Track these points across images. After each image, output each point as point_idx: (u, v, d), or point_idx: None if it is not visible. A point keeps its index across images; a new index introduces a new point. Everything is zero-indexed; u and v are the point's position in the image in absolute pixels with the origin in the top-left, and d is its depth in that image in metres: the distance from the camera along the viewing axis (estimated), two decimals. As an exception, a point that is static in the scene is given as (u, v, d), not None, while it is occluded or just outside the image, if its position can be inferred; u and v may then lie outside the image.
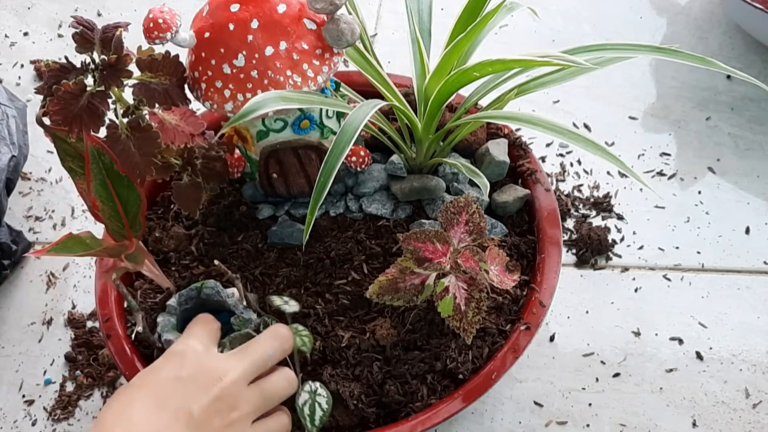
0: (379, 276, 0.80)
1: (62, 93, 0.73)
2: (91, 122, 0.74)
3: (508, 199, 0.92)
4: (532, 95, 0.88)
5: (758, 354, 0.93)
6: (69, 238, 0.75)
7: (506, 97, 0.87)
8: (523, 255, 0.90)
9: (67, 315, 1.02)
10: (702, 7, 1.28)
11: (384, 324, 0.83)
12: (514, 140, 0.97)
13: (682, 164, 1.10)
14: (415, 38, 0.88)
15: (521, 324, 0.83)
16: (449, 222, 0.80)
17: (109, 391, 0.96)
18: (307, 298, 0.86)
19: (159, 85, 0.77)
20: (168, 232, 0.93)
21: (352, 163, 0.91)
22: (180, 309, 0.83)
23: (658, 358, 0.94)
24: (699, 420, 0.89)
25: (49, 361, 0.99)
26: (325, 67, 0.80)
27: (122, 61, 0.74)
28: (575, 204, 1.06)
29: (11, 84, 1.27)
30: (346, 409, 0.81)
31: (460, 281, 0.78)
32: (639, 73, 1.20)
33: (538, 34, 1.26)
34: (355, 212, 0.91)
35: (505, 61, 0.76)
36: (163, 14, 0.75)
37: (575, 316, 0.97)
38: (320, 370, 0.82)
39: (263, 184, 0.90)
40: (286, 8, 0.79)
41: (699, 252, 1.02)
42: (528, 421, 0.90)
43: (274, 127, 0.84)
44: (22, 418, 0.95)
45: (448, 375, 0.82)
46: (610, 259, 1.02)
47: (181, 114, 0.79)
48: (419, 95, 0.88)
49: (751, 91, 1.15)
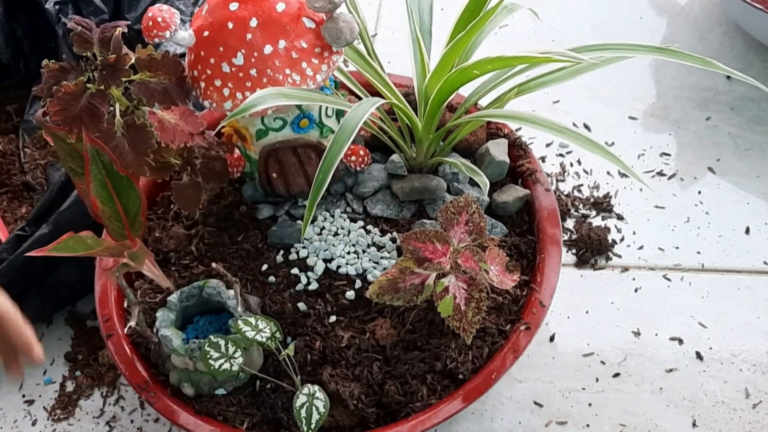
0: (379, 276, 0.80)
1: (62, 94, 0.73)
2: (91, 122, 0.74)
3: (508, 199, 0.92)
4: (532, 95, 0.88)
5: (758, 354, 0.93)
6: (70, 238, 0.75)
7: (506, 96, 0.87)
8: (523, 255, 0.90)
9: (67, 315, 1.02)
10: (702, 7, 1.28)
11: (384, 324, 0.83)
12: (514, 140, 0.97)
13: (682, 164, 1.10)
14: (415, 38, 0.88)
15: (521, 324, 0.83)
16: (449, 222, 0.80)
17: (109, 391, 0.96)
18: (308, 299, 0.86)
19: (158, 85, 0.77)
20: (168, 232, 0.93)
21: (352, 162, 0.91)
22: (180, 306, 0.83)
23: (658, 358, 0.94)
24: (699, 420, 0.89)
25: (49, 361, 0.99)
26: (324, 66, 0.80)
27: (121, 60, 0.74)
28: (575, 204, 1.06)
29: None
30: (346, 409, 0.80)
31: (460, 281, 0.78)
32: (639, 73, 1.20)
33: (538, 34, 1.26)
34: (357, 213, 0.91)
35: (505, 58, 0.76)
36: (162, 13, 0.75)
37: (575, 316, 0.97)
38: (320, 371, 0.82)
39: (263, 183, 0.90)
40: (285, 7, 0.79)
41: (699, 252, 1.02)
42: (528, 421, 0.90)
43: (273, 126, 0.84)
44: (22, 418, 0.95)
45: (448, 375, 0.82)
46: (610, 259, 1.02)
47: (180, 113, 0.79)
48: (419, 94, 0.88)
49: (751, 92, 1.15)
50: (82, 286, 0.98)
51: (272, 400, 0.82)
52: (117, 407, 0.95)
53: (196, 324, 0.85)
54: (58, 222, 0.94)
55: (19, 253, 0.93)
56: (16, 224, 1.05)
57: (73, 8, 1.10)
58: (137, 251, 0.78)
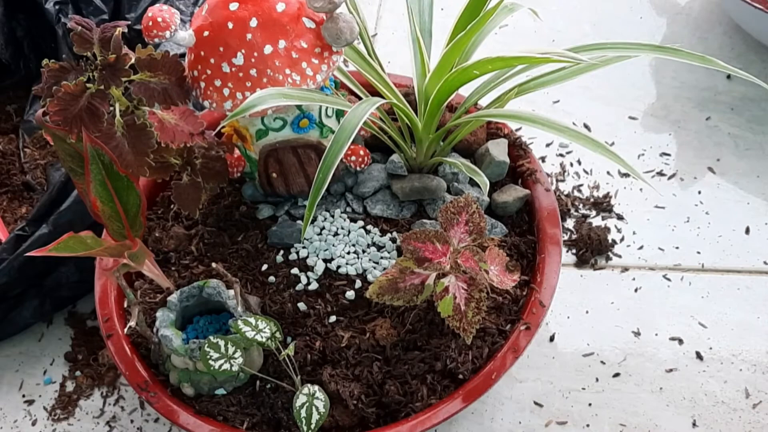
0: (379, 276, 0.80)
1: (62, 94, 0.73)
2: (91, 123, 0.74)
3: (508, 199, 0.92)
4: (532, 95, 0.88)
5: (758, 354, 0.93)
6: (70, 238, 0.75)
7: (506, 96, 0.87)
8: (523, 255, 0.90)
9: (67, 315, 1.02)
10: (702, 7, 1.28)
11: (384, 324, 0.83)
12: (514, 140, 0.97)
13: (682, 164, 1.10)
14: (415, 37, 0.88)
15: (521, 324, 0.83)
16: (449, 222, 0.80)
17: (109, 391, 0.96)
18: (308, 299, 0.86)
19: (158, 85, 0.77)
20: (168, 232, 0.93)
21: (352, 162, 0.91)
22: (180, 306, 0.83)
23: (658, 358, 0.94)
24: (699, 420, 0.89)
25: (49, 361, 0.99)
26: (324, 66, 0.80)
27: (121, 60, 0.74)
28: (575, 204, 1.06)
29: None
30: (346, 409, 0.80)
31: (460, 281, 0.78)
32: (639, 73, 1.20)
33: (538, 34, 1.26)
34: (357, 213, 0.91)
35: (505, 58, 0.76)
36: (162, 13, 0.75)
37: (575, 316, 0.97)
38: (320, 371, 0.82)
39: (263, 183, 0.90)
40: (285, 7, 0.79)
41: (699, 252, 1.02)
42: (528, 421, 0.90)
43: (273, 126, 0.84)
44: (22, 418, 0.95)
45: (448, 375, 0.82)
46: (610, 259, 1.02)
47: (180, 113, 0.79)
48: (419, 94, 0.88)
49: (751, 91, 1.15)
50: (82, 286, 0.98)
51: (272, 400, 0.82)
52: (117, 407, 0.95)
53: (196, 324, 0.85)
54: (58, 222, 0.94)
55: (19, 253, 0.93)
56: (16, 224, 1.05)
57: (73, 8, 1.10)
58: (137, 251, 0.78)
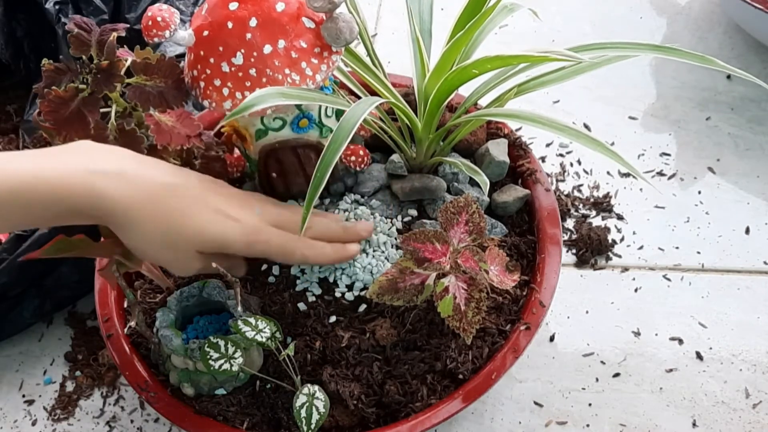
0: (379, 276, 0.80)
1: (53, 97, 0.73)
2: (80, 128, 0.74)
3: (508, 199, 0.92)
4: (532, 95, 0.88)
5: (758, 354, 0.93)
6: (60, 241, 0.75)
7: (506, 96, 0.87)
8: (523, 255, 0.90)
9: (67, 315, 1.02)
10: (702, 7, 1.28)
11: (384, 324, 0.83)
12: (514, 140, 0.97)
13: (682, 164, 1.10)
14: (415, 37, 0.88)
15: (521, 324, 0.83)
16: (449, 222, 0.80)
17: (109, 391, 0.96)
18: (308, 299, 0.86)
19: (154, 88, 0.77)
20: (167, 232, 0.93)
21: (351, 162, 0.90)
22: (180, 306, 0.83)
23: (658, 358, 0.94)
24: (699, 420, 0.89)
25: (49, 360, 0.99)
26: (323, 66, 0.79)
27: (114, 66, 0.74)
28: (575, 204, 1.06)
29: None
30: (346, 409, 0.80)
31: (460, 281, 0.78)
32: (639, 73, 1.20)
33: (538, 34, 1.26)
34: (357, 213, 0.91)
35: (504, 57, 0.76)
36: (162, 13, 0.75)
37: (575, 316, 0.97)
38: (320, 371, 0.82)
39: (263, 183, 0.90)
40: (285, 6, 0.79)
41: (699, 252, 1.02)
42: (528, 421, 0.90)
43: (272, 126, 0.84)
44: (22, 418, 0.95)
45: (448, 375, 0.82)
46: (610, 259, 1.02)
47: (177, 116, 0.79)
48: (419, 94, 0.88)
49: (751, 91, 1.15)
50: (82, 286, 0.98)
51: (272, 400, 0.82)
52: (117, 407, 0.95)
53: (196, 324, 0.85)
54: (58, 222, 0.94)
55: (19, 253, 0.93)
56: (16, 224, 1.05)
57: (73, 8, 1.10)
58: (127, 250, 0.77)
